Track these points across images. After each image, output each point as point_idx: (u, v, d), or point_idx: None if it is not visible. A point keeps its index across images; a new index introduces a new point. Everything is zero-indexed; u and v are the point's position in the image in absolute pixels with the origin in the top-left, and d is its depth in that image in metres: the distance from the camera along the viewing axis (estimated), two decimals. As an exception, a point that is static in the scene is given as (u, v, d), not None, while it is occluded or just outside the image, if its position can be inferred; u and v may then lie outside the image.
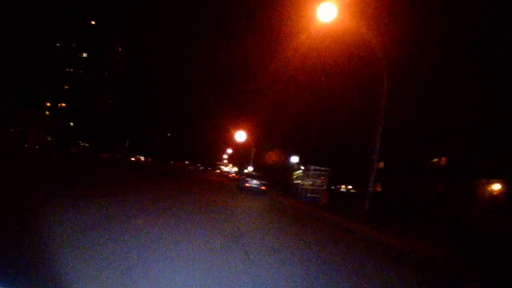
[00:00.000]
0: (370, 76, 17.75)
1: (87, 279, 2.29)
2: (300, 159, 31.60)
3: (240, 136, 40.49)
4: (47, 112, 50.36)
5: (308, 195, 20.61)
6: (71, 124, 49.20)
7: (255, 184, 20.43)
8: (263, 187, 20.47)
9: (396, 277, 4.42)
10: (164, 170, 30.48)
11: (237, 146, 61.58)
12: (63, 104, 52.73)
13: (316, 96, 31.13)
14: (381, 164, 35.55)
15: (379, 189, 34.79)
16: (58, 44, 51.59)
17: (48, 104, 50.55)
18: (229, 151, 67.23)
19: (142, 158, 68.16)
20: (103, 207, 5.17)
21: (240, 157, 57.03)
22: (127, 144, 54.03)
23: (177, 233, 4.33)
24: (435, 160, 25.87)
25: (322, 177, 23.77)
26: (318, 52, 20.73)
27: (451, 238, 10.37)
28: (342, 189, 45.80)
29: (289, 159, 31.29)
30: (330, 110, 30.44)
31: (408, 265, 5.30)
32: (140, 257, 2.98)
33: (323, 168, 22.06)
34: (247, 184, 20.18)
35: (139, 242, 3.46)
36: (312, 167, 22.34)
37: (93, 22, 55.66)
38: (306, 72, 28.20)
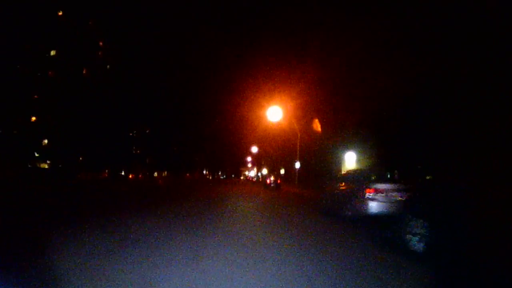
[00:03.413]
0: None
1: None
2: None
3: (275, 113, 26.49)
4: (14, 131, 39.28)
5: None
6: (45, 141, 37.61)
7: None
8: None
9: None
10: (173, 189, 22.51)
11: (265, 140, 47.82)
12: (33, 118, 41.01)
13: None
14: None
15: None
16: (22, 45, 40.20)
17: (19, 120, 39.32)
18: (254, 150, 53.12)
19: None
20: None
21: (274, 153, 43.09)
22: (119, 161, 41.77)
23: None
24: None
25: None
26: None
27: None
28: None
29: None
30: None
31: None
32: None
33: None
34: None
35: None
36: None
37: (60, 13, 44.08)
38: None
